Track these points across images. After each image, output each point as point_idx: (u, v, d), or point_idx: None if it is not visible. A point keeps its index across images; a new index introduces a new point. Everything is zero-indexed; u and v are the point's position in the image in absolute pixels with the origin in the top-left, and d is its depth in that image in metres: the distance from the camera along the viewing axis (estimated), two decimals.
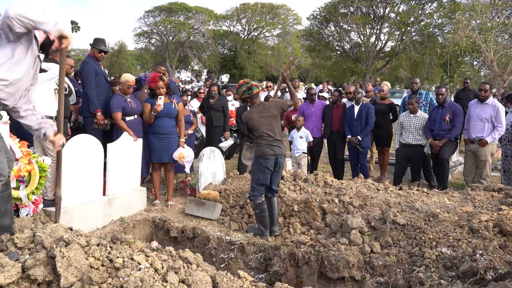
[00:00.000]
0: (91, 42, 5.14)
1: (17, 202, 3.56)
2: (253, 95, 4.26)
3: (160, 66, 5.72)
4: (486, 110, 5.57)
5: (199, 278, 2.38)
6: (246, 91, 4.24)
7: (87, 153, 4.14)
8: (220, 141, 6.81)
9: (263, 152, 4.10)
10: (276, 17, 35.80)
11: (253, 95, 4.26)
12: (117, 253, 2.41)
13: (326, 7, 29.66)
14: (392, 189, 5.00)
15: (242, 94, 4.29)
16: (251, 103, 4.30)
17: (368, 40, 28.92)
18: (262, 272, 3.90)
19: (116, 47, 36.30)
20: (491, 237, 3.20)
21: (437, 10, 24.98)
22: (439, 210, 3.82)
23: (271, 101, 4.38)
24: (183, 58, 36.71)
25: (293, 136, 6.54)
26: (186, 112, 5.98)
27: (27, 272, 2.27)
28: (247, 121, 4.23)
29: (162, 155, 4.99)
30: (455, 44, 15.39)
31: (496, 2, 14.46)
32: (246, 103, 4.47)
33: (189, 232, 4.32)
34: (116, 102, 4.84)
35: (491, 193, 4.65)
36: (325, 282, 3.51)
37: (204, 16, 34.96)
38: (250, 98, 4.27)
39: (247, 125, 4.25)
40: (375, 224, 3.83)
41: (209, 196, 4.84)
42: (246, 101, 4.37)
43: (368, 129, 6.22)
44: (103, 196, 4.44)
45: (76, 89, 5.16)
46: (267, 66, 35.73)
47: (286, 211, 4.51)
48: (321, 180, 5.18)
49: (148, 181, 5.71)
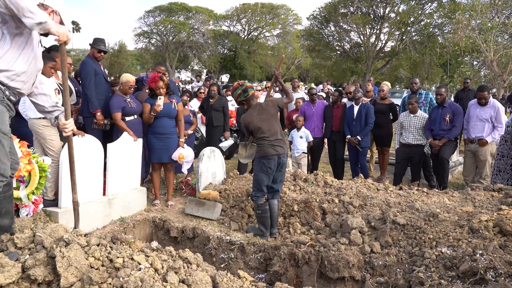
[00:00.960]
0: (91, 42, 5.14)
1: (17, 202, 3.57)
2: (249, 97, 4.20)
3: (160, 66, 5.73)
4: (486, 111, 5.57)
5: (199, 278, 2.38)
6: (241, 94, 4.19)
7: (87, 153, 4.14)
8: (220, 141, 6.81)
9: (265, 152, 4.07)
10: (276, 17, 35.83)
11: (249, 97, 4.20)
12: (117, 253, 2.41)
13: (326, 7, 29.66)
14: (392, 189, 5.00)
15: (237, 97, 4.23)
16: (248, 105, 4.25)
17: (368, 40, 28.93)
18: (262, 272, 3.90)
19: (116, 47, 36.33)
20: (491, 237, 3.20)
21: (437, 10, 24.99)
22: (439, 210, 3.82)
23: (268, 100, 4.35)
24: (183, 58, 36.74)
25: (293, 136, 6.54)
26: (186, 112, 5.98)
27: (27, 272, 2.27)
28: (247, 124, 4.16)
29: (162, 155, 4.99)
30: (455, 44, 15.39)
31: (496, 2, 14.46)
32: (243, 105, 4.42)
33: (189, 232, 4.32)
34: (115, 102, 4.83)
35: (491, 193, 4.65)
36: (325, 282, 3.51)
37: (204, 16, 35.00)
38: (246, 101, 4.22)
39: (248, 128, 4.18)
40: (375, 224, 3.83)
41: (209, 196, 4.84)
42: (243, 103, 4.32)
43: (368, 129, 6.22)
44: (103, 196, 4.44)
45: (76, 89, 5.16)
46: (267, 66, 35.74)
47: (286, 211, 4.51)
48: (321, 180, 5.18)
49: (148, 181, 5.71)
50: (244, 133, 4.36)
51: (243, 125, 4.26)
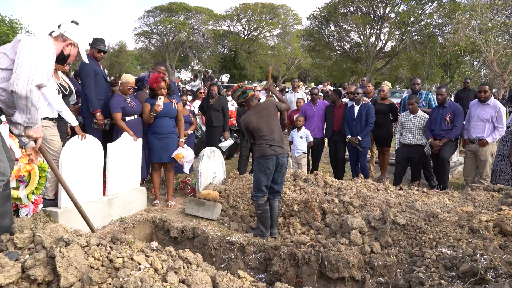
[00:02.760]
0: (90, 42, 5.13)
1: (17, 202, 3.57)
2: (248, 98, 4.25)
3: (160, 65, 5.73)
4: (487, 111, 5.56)
5: (199, 278, 2.38)
6: (241, 95, 4.24)
7: (87, 153, 4.14)
8: (220, 141, 6.81)
9: (263, 152, 4.07)
10: (276, 17, 35.81)
11: (249, 98, 4.24)
12: (117, 253, 2.41)
13: (326, 7, 29.65)
14: (392, 189, 5.00)
15: (237, 99, 4.29)
16: (248, 106, 4.29)
17: (368, 40, 28.92)
18: (262, 272, 3.89)
19: (116, 47, 36.32)
20: (491, 237, 3.20)
21: (437, 10, 24.98)
22: (439, 210, 3.82)
23: (266, 100, 4.38)
24: (183, 58, 36.74)
25: (293, 136, 6.54)
26: (185, 112, 5.98)
27: (27, 272, 2.27)
28: (247, 125, 4.16)
29: (162, 155, 4.99)
30: (455, 44, 15.39)
31: (496, 2, 14.46)
32: (243, 107, 4.44)
33: (189, 232, 4.32)
34: (116, 102, 4.83)
35: (491, 193, 4.65)
36: (325, 282, 3.51)
37: (204, 16, 34.97)
38: (246, 102, 4.27)
39: (248, 129, 4.18)
40: (375, 224, 3.83)
41: (209, 196, 4.84)
42: (243, 105, 4.36)
43: (368, 129, 6.22)
44: (103, 196, 4.44)
45: (76, 89, 5.16)
46: (267, 66, 35.72)
47: (286, 211, 4.51)
48: (321, 180, 5.18)
49: (148, 181, 5.71)
50: (244, 134, 4.37)
51: (243, 126, 4.28)
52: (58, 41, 2.79)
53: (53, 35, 2.77)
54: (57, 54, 2.74)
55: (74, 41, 2.86)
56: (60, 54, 2.78)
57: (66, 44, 2.83)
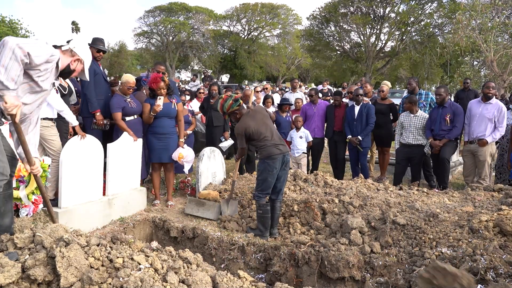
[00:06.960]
0: (90, 41, 5.13)
1: (17, 202, 3.57)
2: (241, 106, 4.25)
3: (160, 65, 5.73)
4: (489, 110, 5.55)
5: (199, 278, 2.38)
6: (233, 104, 4.20)
7: (87, 153, 4.14)
8: (220, 141, 6.80)
9: (270, 152, 4.05)
10: (276, 17, 35.84)
11: (241, 106, 4.25)
12: (117, 253, 2.41)
13: (326, 7, 29.68)
14: (392, 189, 5.00)
15: (229, 108, 4.21)
16: (240, 114, 4.24)
17: (368, 40, 28.94)
18: (262, 272, 3.89)
19: (116, 47, 36.33)
20: (491, 237, 3.20)
21: (437, 10, 24.97)
22: (439, 210, 3.82)
23: (254, 105, 4.43)
24: (183, 58, 36.76)
25: (293, 136, 6.54)
26: (185, 112, 5.98)
27: (27, 272, 2.27)
28: (244, 129, 4.08)
29: (162, 155, 4.99)
30: (455, 44, 15.39)
31: (496, 2, 14.44)
32: (235, 115, 4.30)
33: (189, 232, 4.32)
34: (116, 102, 4.83)
35: (491, 193, 4.65)
36: (325, 282, 3.51)
37: (204, 16, 35.00)
38: (238, 110, 4.24)
39: (246, 134, 4.11)
40: (375, 224, 3.83)
41: (209, 196, 4.84)
42: (235, 113, 4.26)
43: (369, 129, 6.22)
44: (103, 196, 4.44)
45: (76, 89, 5.16)
46: (267, 66, 35.76)
47: (286, 211, 4.51)
48: (321, 180, 5.18)
49: (148, 181, 5.71)
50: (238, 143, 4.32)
51: (239, 133, 4.16)
52: (66, 55, 2.81)
53: (62, 49, 2.80)
54: (63, 67, 2.77)
55: (82, 58, 2.89)
56: (67, 67, 2.80)
57: (74, 59, 2.86)
